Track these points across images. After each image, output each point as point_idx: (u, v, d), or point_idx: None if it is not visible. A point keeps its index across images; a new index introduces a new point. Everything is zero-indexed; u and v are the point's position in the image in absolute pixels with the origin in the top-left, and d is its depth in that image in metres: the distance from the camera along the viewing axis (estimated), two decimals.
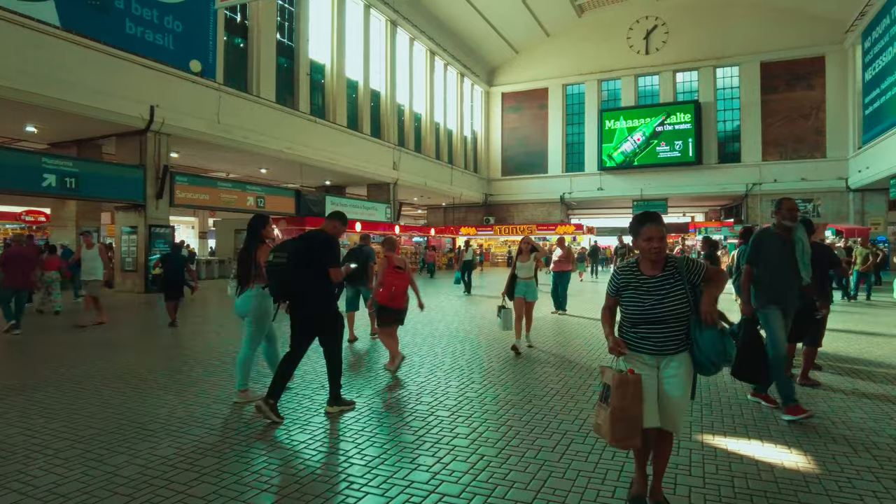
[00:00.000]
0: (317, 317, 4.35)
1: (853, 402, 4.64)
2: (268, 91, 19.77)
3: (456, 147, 33.95)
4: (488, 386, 5.19)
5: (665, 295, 2.64)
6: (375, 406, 4.61)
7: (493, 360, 6.37)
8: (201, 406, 4.59)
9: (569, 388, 5.07)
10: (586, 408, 4.44)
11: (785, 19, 29.05)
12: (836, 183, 28.11)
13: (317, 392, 4.99)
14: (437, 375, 5.64)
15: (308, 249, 4.24)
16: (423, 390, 5.05)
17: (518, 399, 4.66)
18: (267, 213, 20.74)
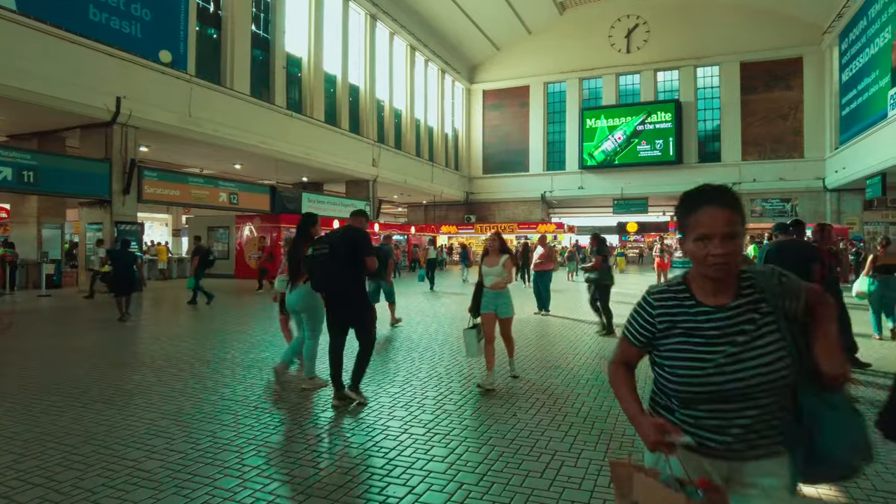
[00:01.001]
0: (353, 307, 4.62)
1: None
2: (242, 84, 19.12)
3: (437, 144, 33.52)
4: (468, 397, 4.80)
5: (749, 344, 1.41)
6: (345, 424, 4.18)
7: (473, 366, 5.98)
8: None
9: (556, 397, 4.70)
10: (576, 422, 4.06)
11: (764, 20, 29.18)
12: (813, 183, 28.33)
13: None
14: (412, 385, 5.23)
15: (346, 241, 4.57)
16: (397, 402, 4.64)
17: (501, 412, 4.27)
18: (239, 209, 20.30)
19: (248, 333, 8.16)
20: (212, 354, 6.59)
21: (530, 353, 6.75)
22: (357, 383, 4.66)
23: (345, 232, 4.68)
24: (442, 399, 4.73)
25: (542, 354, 6.63)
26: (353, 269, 4.54)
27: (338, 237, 4.64)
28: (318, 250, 4.64)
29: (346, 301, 4.59)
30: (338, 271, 4.50)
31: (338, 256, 4.51)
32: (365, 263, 4.58)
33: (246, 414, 4.26)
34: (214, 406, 4.47)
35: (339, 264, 4.50)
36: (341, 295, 4.57)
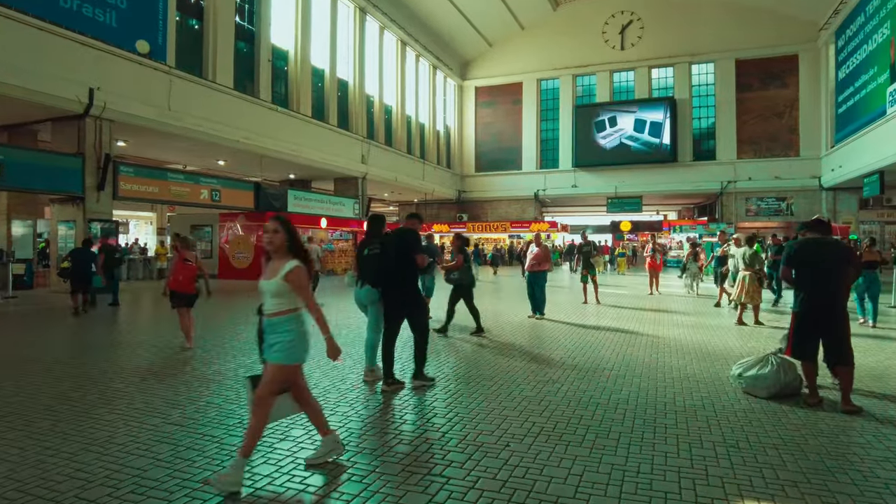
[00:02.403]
0: (406, 300, 5.07)
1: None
2: (225, 77, 18.43)
3: (428, 141, 32.90)
4: (456, 421, 4.23)
5: None
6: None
7: (464, 371, 5.42)
8: None
9: (555, 420, 4.13)
10: (580, 454, 3.49)
11: (759, 17, 28.80)
12: (809, 181, 27.99)
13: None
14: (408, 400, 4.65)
15: (399, 241, 5.08)
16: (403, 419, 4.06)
17: (491, 440, 3.69)
18: (222, 207, 19.61)
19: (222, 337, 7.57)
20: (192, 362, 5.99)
21: (524, 364, 6.19)
22: (420, 370, 5.16)
23: (397, 233, 5.25)
24: (426, 423, 4.16)
25: (536, 366, 6.07)
26: (404, 265, 5.05)
27: (391, 238, 5.17)
28: (372, 250, 5.19)
29: (400, 295, 5.07)
30: (391, 268, 5.03)
31: (390, 255, 5.02)
32: (416, 261, 5.09)
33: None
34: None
35: (392, 262, 5.01)
36: (395, 289, 5.07)
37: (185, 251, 7.13)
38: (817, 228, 4.83)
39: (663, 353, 6.68)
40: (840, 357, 4.49)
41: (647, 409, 4.36)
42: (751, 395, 4.78)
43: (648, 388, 5.05)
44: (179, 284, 6.95)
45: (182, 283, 6.95)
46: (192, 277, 7.03)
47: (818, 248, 4.66)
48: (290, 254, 3.18)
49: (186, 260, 7.04)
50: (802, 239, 4.90)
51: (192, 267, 7.04)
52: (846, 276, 4.58)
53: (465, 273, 8.19)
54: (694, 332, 8.44)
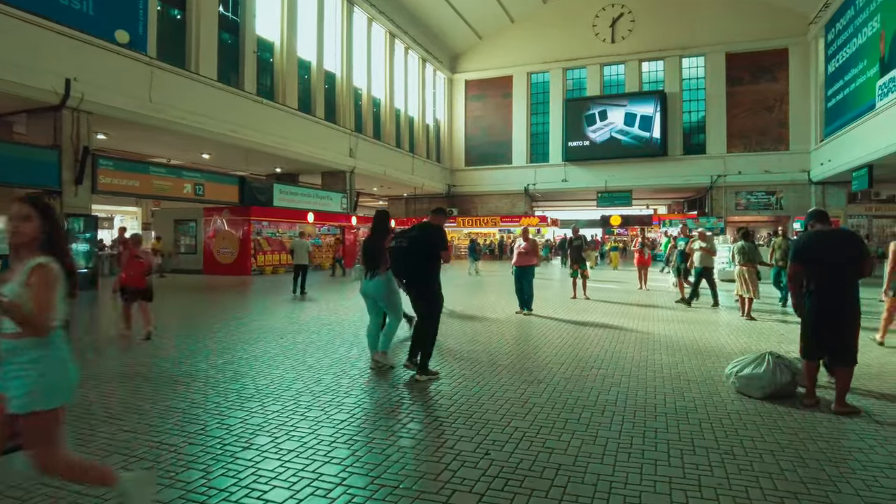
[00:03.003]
0: (422, 292, 5.27)
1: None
2: (209, 69, 18.01)
3: (418, 135, 32.55)
4: (433, 427, 3.99)
5: None
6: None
7: (448, 373, 5.18)
8: None
9: (538, 424, 3.90)
10: (564, 463, 3.26)
11: (750, 10, 28.67)
12: (798, 175, 27.96)
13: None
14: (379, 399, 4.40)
15: (424, 236, 5.25)
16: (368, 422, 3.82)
17: (469, 450, 3.44)
18: (206, 201, 19.22)
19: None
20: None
21: (509, 362, 5.96)
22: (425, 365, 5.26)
23: (423, 227, 5.38)
24: (396, 432, 3.92)
25: (523, 363, 5.84)
26: (428, 259, 5.27)
27: (415, 232, 5.34)
28: (399, 243, 5.36)
29: (421, 287, 5.28)
30: (416, 261, 5.25)
31: (416, 248, 5.22)
32: (440, 255, 5.30)
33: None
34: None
35: (417, 255, 5.23)
36: (417, 281, 5.30)
37: (135, 248, 7.60)
38: (824, 219, 4.61)
39: (653, 351, 6.47)
40: (846, 358, 4.25)
41: (636, 412, 4.14)
42: (744, 396, 4.58)
43: (637, 388, 4.83)
44: (130, 279, 7.36)
45: (133, 278, 7.34)
46: (143, 273, 7.38)
47: (832, 240, 4.39)
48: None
49: (137, 256, 7.44)
50: (812, 231, 4.59)
51: (142, 263, 7.42)
52: (861, 271, 4.31)
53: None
54: (684, 327, 8.25)
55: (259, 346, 6.72)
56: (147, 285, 7.47)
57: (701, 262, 10.80)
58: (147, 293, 7.47)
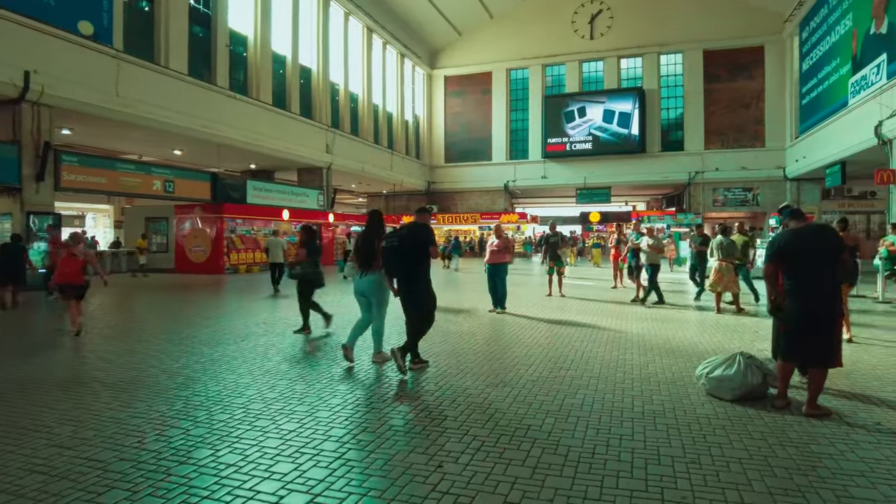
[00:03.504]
0: (416, 289, 5.44)
1: (888, 445, 3.48)
2: (179, 62, 17.54)
3: (396, 131, 32.23)
4: (386, 444, 3.77)
5: None
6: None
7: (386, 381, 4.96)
8: None
9: (498, 432, 3.70)
10: (521, 476, 3.06)
11: (726, 8, 28.87)
12: (774, 172, 28.25)
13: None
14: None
15: (414, 235, 5.41)
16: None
17: (421, 463, 3.23)
18: (176, 198, 18.75)
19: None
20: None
21: (476, 363, 5.76)
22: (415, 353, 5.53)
23: (412, 226, 5.54)
24: (347, 442, 3.69)
25: (490, 366, 5.64)
26: (420, 257, 5.43)
27: (405, 231, 5.50)
28: (390, 242, 5.47)
29: (412, 283, 5.43)
30: (407, 260, 5.39)
31: (406, 247, 5.37)
32: (429, 252, 5.47)
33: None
34: None
35: (409, 254, 5.38)
36: (409, 280, 5.44)
37: (72, 247, 7.76)
38: (799, 217, 4.46)
39: (625, 350, 6.32)
40: (825, 359, 4.08)
41: (601, 417, 3.96)
42: (715, 398, 4.43)
43: (606, 390, 4.66)
44: (65, 277, 7.45)
45: (69, 275, 7.44)
46: (79, 270, 7.54)
47: (810, 237, 4.23)
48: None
49: (74, 255, 7.55)
50: (788, 230, 4.42)
51: (78, 261, 7.55)
52: (841, 268, 4.18)
53: (309, 268, 7.59)
54: (658, 325, 8.14)
55: (219, 349, 6.44)
56: (86, 282, 7.57)
57: (647, 260, 10.59)
58: (82, 290, 7.56)
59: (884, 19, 18.14)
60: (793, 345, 4.22)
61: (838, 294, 4.18)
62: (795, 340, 4.19)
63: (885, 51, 17.85)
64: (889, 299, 10.89)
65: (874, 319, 8.71)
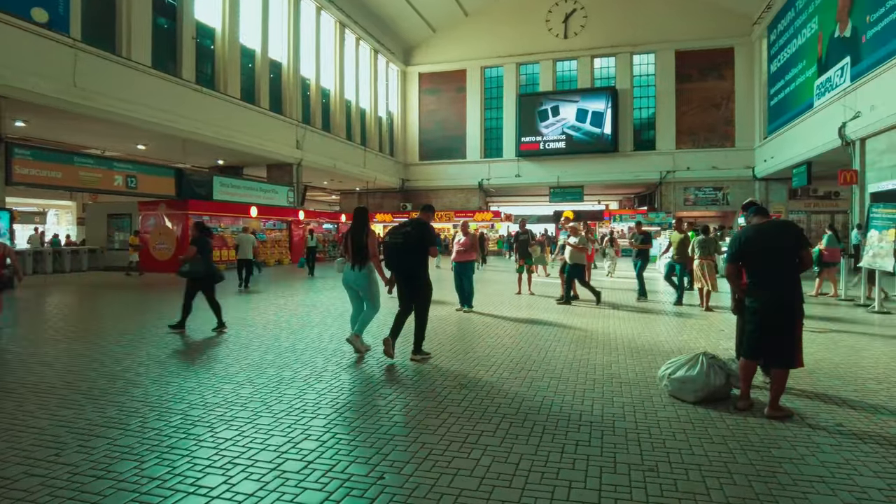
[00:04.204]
0: (416, 284, 5.70)
1: (848, 448, 3.38)
2: (142, 54, 16.94)
3: (370, 128, 31.83)
4: (328, 452, 3.54)
5: None
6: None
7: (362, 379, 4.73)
8: None
9: (450, 438, 3.50)
10: (467, 487, 2.87)
11: (698, 9, 29.14)
12: (743, 172, 28.64)
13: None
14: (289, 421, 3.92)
15: (417, 233, 5.63)
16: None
17: (361, 475, 3.02)
18: (139, 194, 18.16)
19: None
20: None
21: (436, 365, 5.55)
22: (417, 349, 5.75)
23: (414, 224, 5.77)
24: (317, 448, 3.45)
25: (452, 366, 5.45)
26: (420, 254, 5.70)
27: (408, 229, 5.71)
28: (393, 239, 5.72)
29: (412, 279, 5.68)
30: (407, 256, 5.66)
31: (410, 244, 5.62)
32: (429, 251, 5.74)
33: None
34: None
35: (411, 251, 5.64)
36: (408, 274, 5.69)
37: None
38: (762, 213, 4.35)
39: (589, 350, 6.19)
40: (787, 359, 3.98)
41: (559, 421, 3.79)
42: (678, 399, 4.31)
43: (566, 392, 4.50)
44: None
45: None
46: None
47: (770, 233, 4.12)
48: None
49: None
50: (750, 226, 4.30)
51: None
52: (802, 262, 4.04)
53: (199, 265, 7.36)
54: (624, 323, 8.04)
55: (166, 351, 6.12)
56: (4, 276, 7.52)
57: (571, 259, 10.22)
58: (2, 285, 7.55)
59: (847, 23, 18.48)
60: (755, 343, 4.12)
61: (800, 292, 4.07)
62: (757, 339, 4.09)
63: (849, 54, 18.19)
64: (854, 297, 11.01)
65: (833, 312, 8.76)
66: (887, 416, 3.94)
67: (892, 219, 9.59)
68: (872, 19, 16.69)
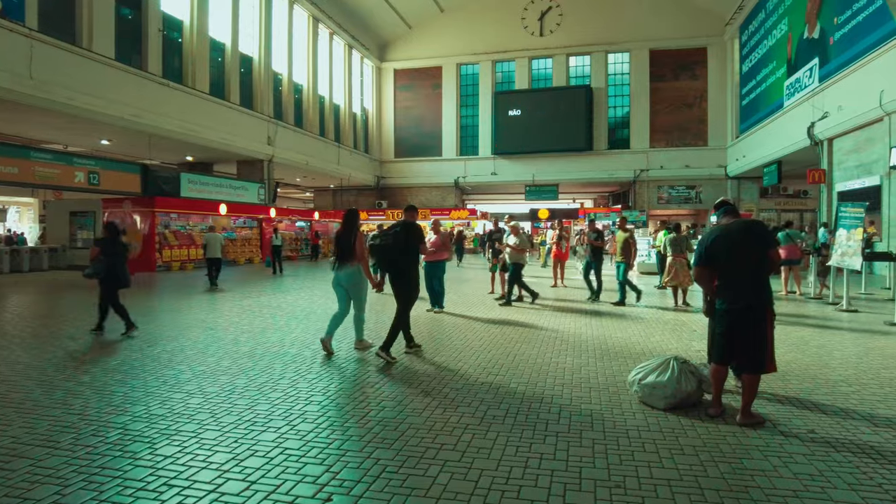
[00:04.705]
0: (400, 283, 5.82)
1: (822, 458, 3.25)
2: (105, 46, 16.32)
3: (344, 124, 31.36)
4: (270, 474, 3.29)
5: None
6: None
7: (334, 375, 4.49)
8: None
9: (406, 453, 3.29)
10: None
11: (672, 9, 29.34)
12: (716, 170, 28.96)
13: None
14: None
15: (405, 234, 5.80)
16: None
17: (307, 496, 2.79)
18: (102, 191, 17.53)
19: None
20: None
21: (401, 370, 5.33)
22: (386, 346, 5.64)
23: (404, 226, 5.94)
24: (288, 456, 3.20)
25: (414, 372, 5.23)
26: (410, 254, 5.87)
27: (397, 230, 5.90)
28: (383, 240, 5.93)
29: (401, 277, 5.85)
30: (397, 257, 5.82)
31: (399, 245, 5.80)
32: (418, 249, 5.94)
33: None
34: None
35: (399, 251, 5.81)
36: (398, 273, 5.86)
37: None
38: (732, 213, 4.21)
39: (559, 352, 6.03)
40: (756, 363, 3.82)
41: (523, 431, 3.60)
42: (648, 406, 4.16)
43: (533, 399, 4.32)
44: None
45: None
46: None
47: (736, 233, 3.96)
48: None
49: None
50: (717, 227, 4.16)
51: None
52: (770, 262, 3.89)
53: (100, 266, 7.02)
54: (595, 323, 7.92)
55: (116, 357, 5.78)
56: None
57: (511, 259, 10.07)
58: None
59: (816, 25, 18.74)
60: (723, 348, 3.98)
61: (769, 294, 3.91)
62: (726, 343, 3.95)
63: (817, 55, 18.45)
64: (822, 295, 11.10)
65: (802, 311, 8.77)
66: (858, 421, 3.85)
67: (859, 218, 9.66)
68: (840, 21, 16.94)
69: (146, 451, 3.30)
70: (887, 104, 13.79)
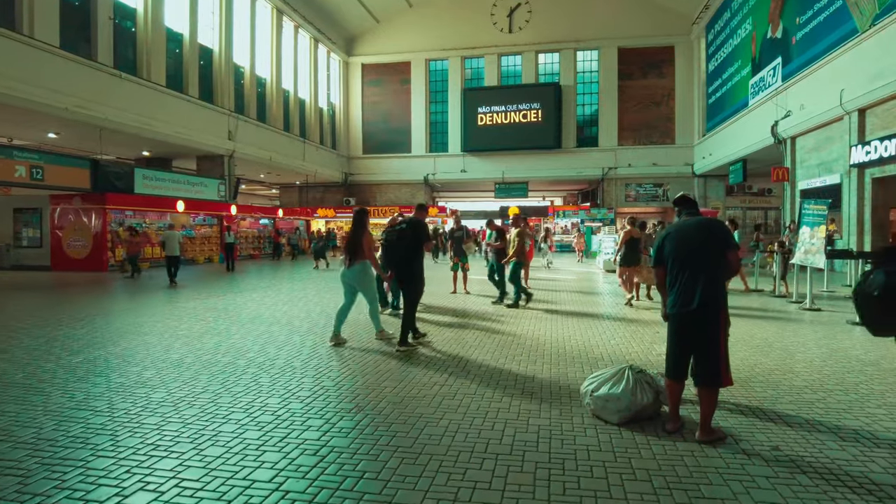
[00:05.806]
0: (409, 278, 6.22)
1: (786, 481, 2.94)
2: (48, 34, 15.41)
3: (310, 119, 30.60)
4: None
5: None
6: None
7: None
8: None
9: (320, 485, 2.88)
10: None
11: (640, 7, 29.37)
12: (683, 168, 29.13)
13: None
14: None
15: (411, 231, 6.23)
16: None
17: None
18: (47, 187, 16.61)
19: None
20: None
21: (337, 381, 4.89)
22: (405, 339, 6.10)
23: (412, 223, 6.25)
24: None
25: (352, 384, 4.80)
26: (415, 251, 6.18)
27: (404, 227, 6.23)
28: (389, 237, 6.43)
29: (406, 274, 6.14)
30: (404, 253, 6.15)
31: (405, 242, 6.13)
32: (423, 246, 6.25)
33: None
34: None
35: (406, 248, 6.14)
36: (404, 269, 6.16)
37: None
38: (690, 206, 3.84)
39: (512, 358, 5.66)
40: (711, 377, 3.45)
41: (459, 454, 3.21)
42: (600, 420, 3.81)
43: (477, 414, 3.94)
44: None
45: None
46: None
47: (691, 231, 3.61)
48: None
49: None
50: (671, 225, 3.80)
51: None
52: (728, 266, 3.55)
53: None
54: (554, 325, 7.60)
55: (56, 362, 5.22)
56: None
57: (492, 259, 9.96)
58: None
59: (779, 24, 18.85)
60: (675, 361, 3.62)
61: (723, 300, 3.53)
62: (681, 354, 3.60)
63: (780, 54, 18.57)
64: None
65: (767, 309, 8.61)
66: (825, 435, 3.57)
67: (822, 215, 9.57)
68: (801, 21, 17.03)
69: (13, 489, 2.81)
70: (847, 103, 13.85)
